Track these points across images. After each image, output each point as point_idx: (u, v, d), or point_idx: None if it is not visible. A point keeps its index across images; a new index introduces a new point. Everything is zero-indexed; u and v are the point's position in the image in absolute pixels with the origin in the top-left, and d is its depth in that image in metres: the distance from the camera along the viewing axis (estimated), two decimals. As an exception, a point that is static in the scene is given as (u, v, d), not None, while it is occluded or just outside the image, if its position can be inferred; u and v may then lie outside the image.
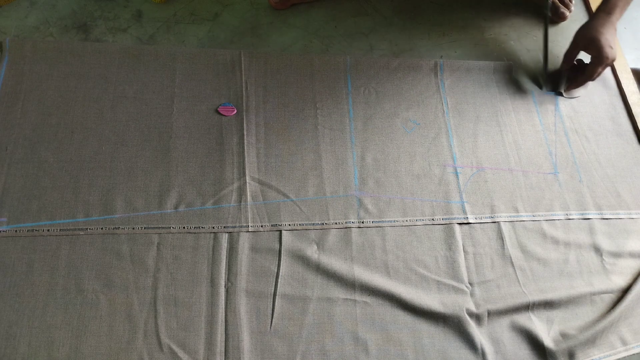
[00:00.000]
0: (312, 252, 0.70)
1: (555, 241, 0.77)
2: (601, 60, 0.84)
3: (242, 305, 0.66)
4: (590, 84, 0.92)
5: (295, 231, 0.71)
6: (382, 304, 0.68)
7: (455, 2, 1.00)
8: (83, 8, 0.86)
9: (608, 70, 0.96)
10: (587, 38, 0.84)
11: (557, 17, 1.00)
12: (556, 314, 0.71)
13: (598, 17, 0.86)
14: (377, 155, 0.79)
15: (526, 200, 0.80)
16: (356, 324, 0.67)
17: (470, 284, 0.71)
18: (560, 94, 0.91)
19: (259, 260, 0.69)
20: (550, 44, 0.95)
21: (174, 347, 0.62)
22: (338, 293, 0.68)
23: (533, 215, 0.79)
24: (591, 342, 0.69)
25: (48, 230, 0.66)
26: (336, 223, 0.73)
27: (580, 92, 0.92)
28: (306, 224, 0.72)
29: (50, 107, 0.74)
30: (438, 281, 0.71)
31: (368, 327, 0.67)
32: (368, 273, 0.70)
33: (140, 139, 0.74)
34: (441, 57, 0.92)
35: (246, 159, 0.75)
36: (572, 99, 0.91)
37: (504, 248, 0.75)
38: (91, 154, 0.72)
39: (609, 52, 0.83)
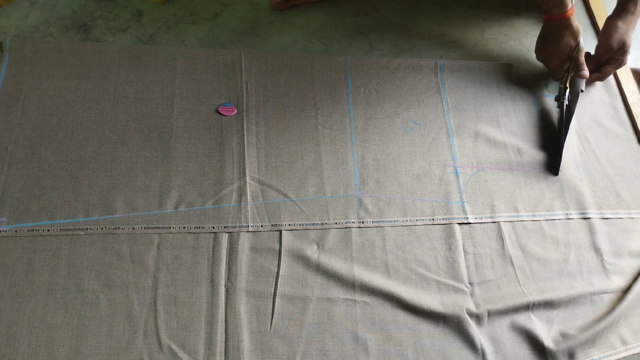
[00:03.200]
0: (312, 252, 0.70)
1: (555, 241, 0.77)
2: (621, 63, 0.85)
3: (242, 305, 0.66)
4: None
5: (295, 231, 0.71)
6: (382, 304, 0.68)
7: (455, 2, 1.00)
8: (83, 8, 0.86)
9: None
10: (620, 41, 0.83)
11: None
12: (556, 314, 0.71)
13: (626, 19, 0.84)
14: (378, 155, 0.79)
15: (526, 200, 0.80)
16: (356, 324, 0.67)
17: (470, 284, 0.71)
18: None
19: (259, 260, 0.69)
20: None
21: (174, 347, 0.62)
22: (338, 293, 0.68)
23: (533, 215, 0.79)
24: (591, 342, 0.69)
25: (48, 230, 0.66)
26: (336, 223, 0.73)
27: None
28: (306, 224, 0.72)
29: (51, 107, 0.74)
30: (438, 281, 0.71)
31: (368, 327, 0.67)
32: (368, 273, 0.70)
33: (140, 139, 0.74)
34: (441, 57, 0.92)
35: (246, 159, 0.75)
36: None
37: (504, 248, 0.75)
38: (91, 154, 0.72)
39: (628, 57, 0.84)
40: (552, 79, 0.91)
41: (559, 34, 0.82)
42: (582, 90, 0.86)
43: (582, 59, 0.85)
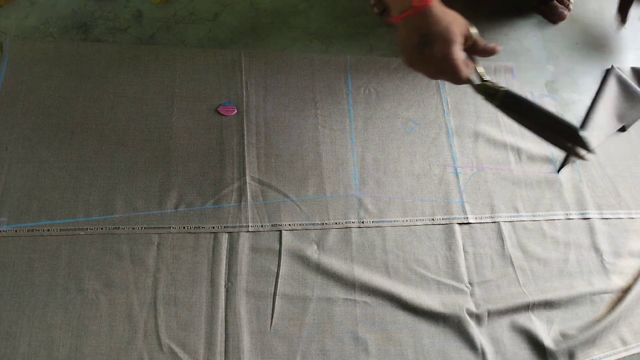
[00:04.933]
0: (312, 252, 0.70)
1: (555, 241, 0.77)
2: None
3: (242, 305, 0.66)
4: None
5: (295, 231, 0.71)
6: (382, 304, 0.68)
7: (455, 2, 1.00)
8: (83, 8, 0.86)
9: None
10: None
11: (557, 17, 0.99)
12: (556, 314, 0.71)
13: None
14: (377, 155, 0.79)
15: (526, 200, 0.80)
16: (356, 324, 0.67)
17: (470, 284, 0.71)
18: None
19: (259, 260, 0.69)
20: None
21: (174, 347, 0.62)
22: (338, 293, 0.68)
23: (533, 215, 0.79)
24: (591, 342, 0.69)
25: (48, 230, 0.66)
26: (336, 223, 0.73)
27: None
28: (306, 224, 0.72)
29: (50, 107, 0.74)
30: (438, 281, 0.71)
31: (368, 327, 0.67)
32: (368, 273, 0.70)
33: (140, 139, 0.74)
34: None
35: (246, 159, 0.75)
36: None
37: (504, 248, 0.75)
38: (91, 154, 0.72)
39: None
40: (455, 83, 0.60)
41: (444, 24, 0.56)
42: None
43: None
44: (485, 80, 0.62)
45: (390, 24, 0.92)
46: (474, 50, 0.61)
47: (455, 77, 0.57)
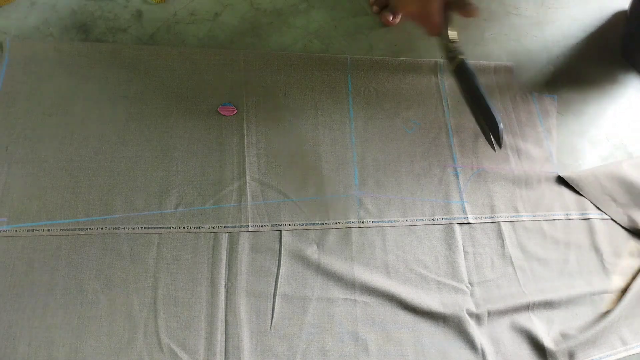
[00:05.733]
0: (312, 252, 0.70)
1: (555, 241, 0.77)
2: None
3: (242, 305, 0.66)
4: None
5: (295, 231, 0.71)
6: (382, 304, 0.68)
7: (455, 2, 1.00)
8: (83, 8, 0.86)
9: None
10: None
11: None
12: (556, 314, 0.71)
13: None
14: (378, 155, 0.79)
15: (526, 200, 0.80)
16: (356, 324, 0.67)
17: (470, 284, 0.71)
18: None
19: (259, 260, 0.69)
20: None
21: (174, 347, 0.62)
22: (338, 293, 0.68)
23: (533, 215, 0.79)
24: (591, 342, 0.69)
25: (48, 230, 0.66)
26: (336, 223, 0.73)
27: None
28: (306, 224, 0.72)
29: (50, 107, 0.74)
30: (438, 281, 0.71)
31: (368, 327, 0.67)
32: (368, 273, 0.70)
33: (140, 139, 0.74)
34: (441, 57, 0.92)
35: (246, 159, 0.75)
36: None
37: (504, 248, 0.75)
38: (91, 154, 0.72)
39: None
40: (429, 35, 0.65)
41: None
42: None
43: None
44: (453, 42, 0.64)
45: (386, 22, 0.91)
46: (455, 5, 0.64)
47: (429, 23, 0.62)
